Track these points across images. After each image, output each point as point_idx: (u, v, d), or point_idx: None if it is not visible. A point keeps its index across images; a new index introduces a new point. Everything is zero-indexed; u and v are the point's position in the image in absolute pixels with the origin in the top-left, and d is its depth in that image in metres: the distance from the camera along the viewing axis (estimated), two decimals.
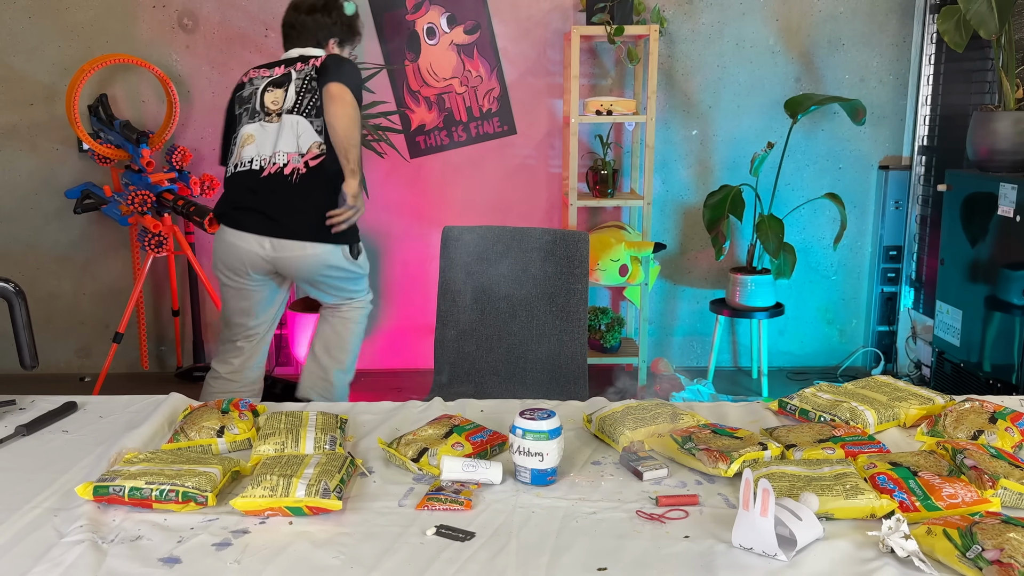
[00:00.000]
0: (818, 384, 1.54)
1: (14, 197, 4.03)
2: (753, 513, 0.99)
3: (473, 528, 1.08)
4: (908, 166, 4.09)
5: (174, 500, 1.12)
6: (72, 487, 1.18)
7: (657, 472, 1.22)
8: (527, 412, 1.20)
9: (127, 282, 4.10)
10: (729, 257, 4.13)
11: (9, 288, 1.41)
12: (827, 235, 4.12)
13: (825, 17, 3.96)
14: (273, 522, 1.10)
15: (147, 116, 3.98)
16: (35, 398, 1.55)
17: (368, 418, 1.48)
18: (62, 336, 4.16)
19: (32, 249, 4.08)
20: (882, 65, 4.01)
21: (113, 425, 1.43)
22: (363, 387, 4.06)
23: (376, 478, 1.24)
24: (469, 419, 1.38)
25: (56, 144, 3.99)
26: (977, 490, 1.11)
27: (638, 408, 1.39)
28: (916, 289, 4.15)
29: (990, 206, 3.04)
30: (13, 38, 3.89)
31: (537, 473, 1.19)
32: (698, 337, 4.30)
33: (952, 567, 0.97)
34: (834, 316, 4.28)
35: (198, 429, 1.34)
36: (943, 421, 1.36)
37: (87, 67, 3.63)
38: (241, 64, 3.95)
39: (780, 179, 3.84)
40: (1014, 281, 2.95)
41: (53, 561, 1.00)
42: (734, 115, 4.04)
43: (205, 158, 4.04)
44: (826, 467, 1.16)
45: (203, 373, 4.05)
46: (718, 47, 3.98)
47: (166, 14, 3.90)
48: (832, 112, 3.97)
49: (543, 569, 0.99)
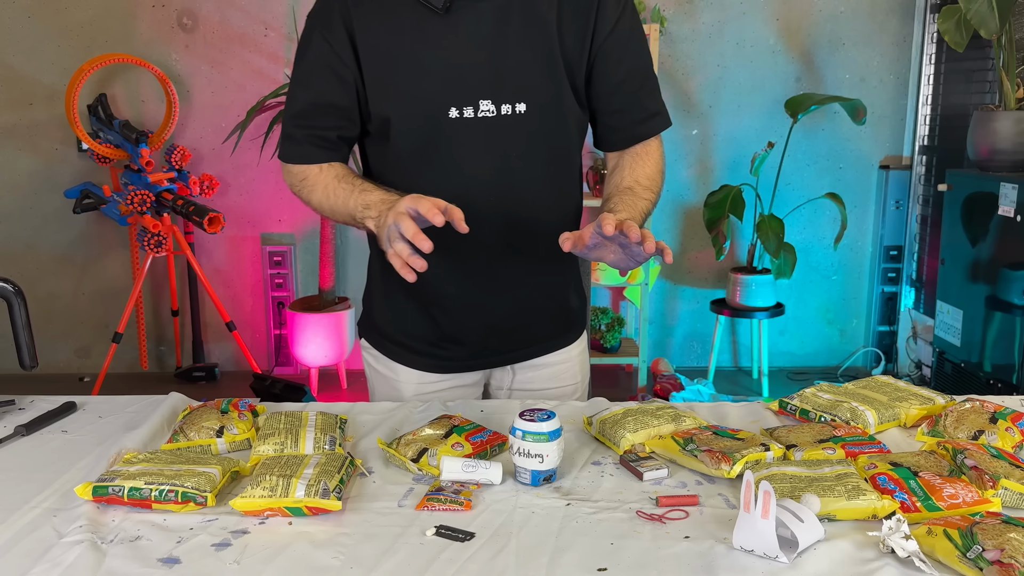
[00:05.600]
0: (818, 384, 1.54)
1: (14, 197, 4.03)
2: (754, 515, 0.99)
3: (473, 528, 1.08)
4: (908, 166, 4.09)
5: (173, 500, 1.12)
6: (71, 487, 1.18)
7: (657, 472, 1.22)
8: (527, 413, 1.20)
9: (126, 282, 4.10)
10: (729, 257, 4.13)
11: (8, 288, 1.41)
12: (827, 235, 4.12)
13: (825, 17, 3.96)
14: (273, 522, 1.10)
15: (146, 116, 3.98)
16: (34, 398, 1.55)
17: (368, 418, 1.47)
18: (61, 336, 4.16)
19: (31, 249, 4.08)
20: (882, 65, 4.01)
21: (112, 425, 1.43)
22: (363, 387, 4.05)
23: (376, 478, 1.24)
24: (469, 419, 1.37)
25: (56, 144, 3.98)
26: (978, 490, 1.11)
27: (638, 410, 1.39)
28: (917, 289, 4.15)
29: (991, 206, 3.04)
30: (13, 38, 3.89)
31: (537, 474, 1.19)
32: (698, 337, 4.30)
33: (952, 567, 0.97)
34: (835, 316, 4.28)
35: (197, 429, 1.34)
36: (944, 421, 1.36)
37: (87, 67, 3.63)
38: (241, 64, 3.95)
39: (780, 179, 3.84)
40: (1015, 281, 2.95)
41: (52, 561, 1.00)
42: (734, 115, 4.04)
43: (204, 158, 4.04)
44: (827, 467, 1.15)
45: (202, 373, 4.06)
46: (718, 47, 3.98)
47: (166, 14, 3.90)
48: (832, 112, 3.97)
49: (543, 569, 0.99)
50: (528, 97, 1.38)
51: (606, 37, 1.40)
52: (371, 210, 1.32)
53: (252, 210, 4.10)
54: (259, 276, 4.18)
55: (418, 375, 1.58)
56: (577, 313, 1.66)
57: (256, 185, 4.07)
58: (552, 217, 1.46)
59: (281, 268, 4.14)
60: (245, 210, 4.09)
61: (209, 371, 4.07)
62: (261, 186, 4.07)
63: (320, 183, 1.42)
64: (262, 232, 4.13)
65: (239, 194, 4.08)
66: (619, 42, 1.41)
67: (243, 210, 4.09)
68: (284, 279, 4.15)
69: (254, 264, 4.17)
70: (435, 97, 1.36)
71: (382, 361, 1.61)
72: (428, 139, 1.39)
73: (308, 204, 1.46)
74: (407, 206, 1.20)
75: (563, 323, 1.63)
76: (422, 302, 1.53)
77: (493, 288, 1.32)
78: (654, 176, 1.47)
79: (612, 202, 1.40)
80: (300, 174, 1.44)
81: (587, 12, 1.38)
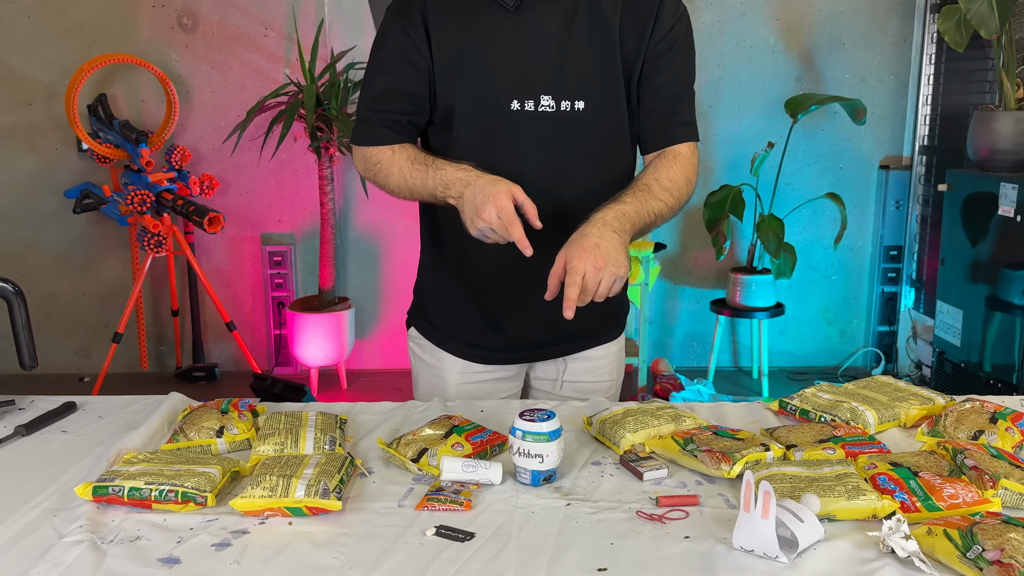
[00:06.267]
0: (818, 384, 1.54)
1: (14, 197, 4.03)
2: (754, 515, 0.99)
3: (473, 528, 1.08)
4: (908, 166, 4.09)
5: (173, 500, 1.12)
6: (71, 487, 1.18)
7: (657, 472, 1.22)
8: (527, 413, 1.20)
9: (126, 282, 4.10)
10: (729, 257, 4.13)
11: (8, 288, 1.41)
12: (827, 235, 4.12)
13: (825, 17, 3.96)
14: (272, 522, 1.10)
15: (146, 116, 3.98)
16: (34, 398, 1.55)
17: (368, 418, 1.47)
18: (61, 336, 4.16)
19: (31, 249, 4.08)
20: (882, 65, 4.01)
21: (112, 425, 1.43)
22: (363, 387, 4.06)
23: (376, 478, 1.24)
24: (469, 419, 1.37)
25: (55, 144, 3.98)
26: (978, 490, 1.11)
27: (638, 410, 1.39)
28: (917, 289, 4.15)
29: (990, 206, 3.04)
30: (13, 38, 3.89)
31: (537, 474, 1.19)
32: (698, 337, 4.30)
33: (952, 567, 0.97)
34: (834, 316, 4.28)
35: (197, 429, 1.34)
36: (943, 421, 1.36)
37: (86, 67, 3.63)
38: (241, 64, 3.95)
39: (780, 179, 3.84)
40: (1015, 281, 2.95)
41: (52, 561, 1.00)
42: (734, 115, 4.03)
43: (204, 158, 4.04)
44: (827, 467, 1.15)
45: (202, 373, 4.06)
46: (718, 47, 3.98)
47: (165, 14, 3.90)
48: (832, 112, 3.97)
49: (543, 569, 0.99)
50: (587, 96, 1.45)
51: (659, 42, 1.46)
52: (451, 189, 1.38)
53: (252, 210, 4.10)
54: (259, 276, 4.18)
55: (462, 364, 1.63)
56: (621, 310, 1.71)
57: (256, 185, 4.07)
58: (605, 184, 1.50)
59: (281, 268, 4.14)
60: (245, 210, 4.09)
61: (209, 371, 4.07)
62: (261, 186, 4.07)
63: (395, 166, 1.48)
64: (262, 232, 4.13)
65: (239, 194, 4.08)
66: (667, 48, 1.48)
67: (243, 210, 4.09)
68: (284, 279, 4.15)
69: (254, 264, 4.17)
70: (498, 89, 1.43)
71: (428, 351, 1.66)
72: (488, 129, 1.45)
73: (384, 188, 1.51)
74: (509, 192, 1.31)
75: (608, 319, 1.67)
76: (470, 287, 1.58)
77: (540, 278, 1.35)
78: (678, 180, 1.49)
79: (624, 194, 1.43)
80: (374, 158, 1.50)
81: (646, 19, 1.46)
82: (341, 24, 3.92)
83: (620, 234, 1.34)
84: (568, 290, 1.28)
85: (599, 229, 1.33)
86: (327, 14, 3.89)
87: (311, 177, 4.01)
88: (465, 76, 1.44)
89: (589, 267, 1.29)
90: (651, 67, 1.48)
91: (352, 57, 3.81)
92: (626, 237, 1.36)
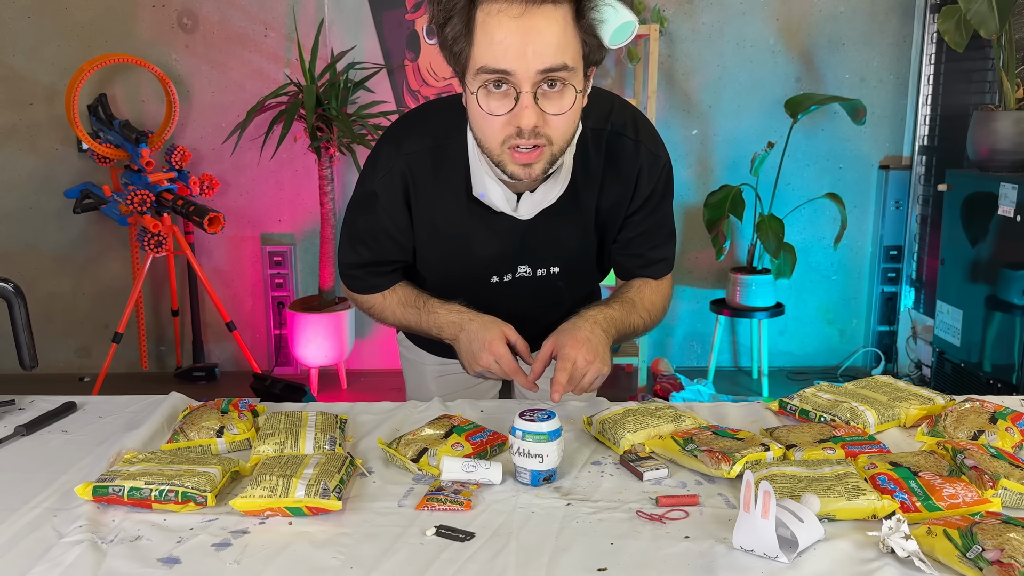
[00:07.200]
0: (818, 384, 1.54)
1: (14, 197, 4.03)
2: (754, 515, 0.99)
3: (473, 528, 1.08)
4: (908, 166, 4.09)
5: (173, 500, 1.12)
6: (71, 487, 1.18)
7: (657, 472, 1.22)
8: (527, 413, 1.20)
9: (126, 282, 4.10)
10: (729, 257, 4.13)
11: (8, 288, 1.41)
12: (827, 235, 4.12)
13: (825, 17, 3.96)
14: (272, 522, 1.10)
15: (146, 116, 3.98)
16: (34, 398, 1.55)
17: (368, 418, 1.47)
18: (61, 336, 4.16)
19: (32, 249, 4.08)
20: (882, 65, 4.01)
21: (112, 425, 1.43)
22: (363, 387, 4.06)
23: (376, 478, 1.24)
24: (469, 419, 1.37)
25: (56, 144, 3.98)
26: (978, 490, 1.11)
27: (638, 410, 1.39)
28: (916, 289, 4.15)
29: (990, 206, 3.04)
30: (13, 38, 3.89)
31: (537, 474, 1.19)
32: (698, 337, 4.30)
33: (952, 567, 0.97)
34: (834, 316, 4.28)
35: (197, 429, 1.34)
36: (943, 421, 1.36)
37: (87, 67, 3.63)
38: (241, 64, 3.95)
39: (780, 179, 3.84)
40: (1014, 281, 2.95)
41: (52, 561, 1.00)
42: (734, 115, 4.03)
43: (204, 158, 4.04)
44: (827, 467, 1.15)
45: (202, 373, 4.05)
46: (718, 47, 3.98)
47: (166, 14, 3.90)
48: (832, 112, 3.97)
49: (543, 569, 0.99)
50: (563, 262, 1.51)
51: (637, 209, 1.48)
52: (444, 331, 1.47)
53: (252, 210, 4.10)
54: (259, 276, 4.18)
55: (440, 360, 1.68)
56: None
57: (256, 185, 4.07)
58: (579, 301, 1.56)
59: (281, 268, 4.14)
60: (245, 210, 4.09)
61: (209, 371, 4.07)
62: (261, 186, 4.07)
63: (388, 309, 1.56)
64: (262, 232, 4.13)
65: (239, 194, 4.08)
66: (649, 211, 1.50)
67: (243, 210, 4.09)
68: (284, 279, 4.15)
69: (254, 264, 4.17)
70: (477, 271, 1.49)
71: (411, 349, 1.73)
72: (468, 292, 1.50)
73: (384, 324, 1.60)
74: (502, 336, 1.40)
75: None
76: None
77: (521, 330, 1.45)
78: (657, 304, 1.57)
79: (612, 300, 1.50)
80: (366, 303, 1.58)
81: (623, 194, 1.46)
82: (341, 24, 3.92)
83: (607, 335, 1.41)
84: (558, 375, 1.33)
85: (590, 325, 1.39)
86: (327, 14, 3.89)
87: (311, 177, 4.01)
88: (443, 261, 1.49)
89: (580, 358, 1.34)
90: (630, 227, 1.51)
91: (352, 57, 3.81)
92: (610, 340, 1.43)
